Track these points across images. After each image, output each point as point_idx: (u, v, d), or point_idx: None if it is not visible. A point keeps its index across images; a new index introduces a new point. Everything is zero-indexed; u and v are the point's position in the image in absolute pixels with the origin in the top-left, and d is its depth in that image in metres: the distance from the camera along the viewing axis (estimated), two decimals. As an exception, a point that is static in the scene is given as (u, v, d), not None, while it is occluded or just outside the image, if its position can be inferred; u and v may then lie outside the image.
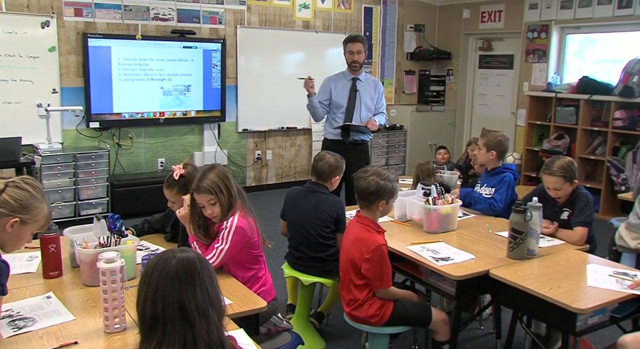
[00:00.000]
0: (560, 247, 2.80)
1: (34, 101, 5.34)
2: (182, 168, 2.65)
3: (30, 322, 1.86)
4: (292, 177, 7.20)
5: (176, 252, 1.41)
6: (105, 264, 1.81)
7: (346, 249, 2.62)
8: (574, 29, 6.82)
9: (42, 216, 1.84)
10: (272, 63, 6.83)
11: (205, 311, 1.35)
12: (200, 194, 2.34)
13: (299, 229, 3.10)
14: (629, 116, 5.83)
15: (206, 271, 1.40)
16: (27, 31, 5.27)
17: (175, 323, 1.33)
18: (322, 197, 3.10)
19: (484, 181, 3.50)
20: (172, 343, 1.32)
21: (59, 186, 5.26)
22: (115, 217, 2.37)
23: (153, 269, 1.38)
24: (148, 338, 1.34)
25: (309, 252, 3.07)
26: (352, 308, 2.58)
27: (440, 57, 8.07)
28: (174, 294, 1.33)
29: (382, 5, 7.62)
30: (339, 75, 4.59)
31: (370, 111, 4.53)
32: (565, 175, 2.89)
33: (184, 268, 1.36)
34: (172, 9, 6.05)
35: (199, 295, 1.35)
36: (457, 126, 8.26)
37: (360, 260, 2.49)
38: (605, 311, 2.25)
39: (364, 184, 2.55)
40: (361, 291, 2.55)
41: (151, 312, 1.34)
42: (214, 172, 2.38)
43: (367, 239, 2.50)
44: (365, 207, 2.60)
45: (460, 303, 2.65)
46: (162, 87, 6.01)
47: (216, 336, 1.35)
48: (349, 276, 2.57)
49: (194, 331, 1.33)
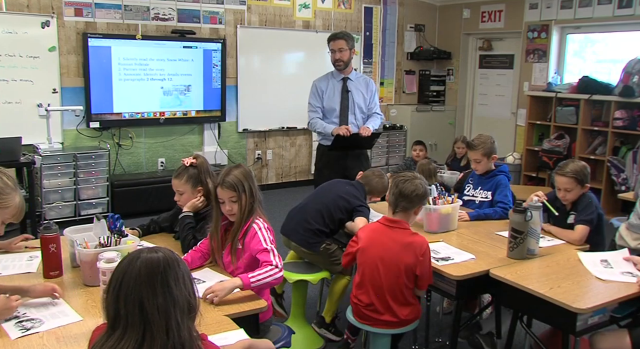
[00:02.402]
0: (560, 247, 2.80)
1: (34, 101, 5.34)
2: (194, 158, 2.66)
3: (37, 323, 1.87)
4: (292, 177, 7.21)
5: (143, 252, 1.43)
6: (106, 264, 1.82)
7: (384, 252, 2.54)
8: (574, 29, 6.82)
9: (13, 204, 1.95)
10: (273, 63, 6.83)
11: (166, 312, 1.37)
12: (224, 189, 2.34)
13: (318, 200, 3.17)
14: (629, 116, 5.83)
15: (172, 270, 1.41)
16: (27, 31, 5.27)
17: (135, 322, 1.35)
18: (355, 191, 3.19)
19: (477, 183, 3.46)
20: (129, 341, 1.35)
21: (59, 186, 5.26)
22: (115, 217, 2.37)
23: (119, 268, 1.42)
24: (109, 335, 1.38)
25: (312, 221, 3.09)
26: (408, 312, 2.57)
27: (440, 57, 8.07)
28: (134, 295, 1.36)
29: (382, 5, 7.62)
30: (327, 76, 4.35)
31: (364, 112, 4.34)
32: (577, 177, 2.90)
33: (146, 269, 1.38)
34: (172, 9, 6.05)
35: (159, 296, 1.37)
36: (457, 125, 8.26)
37: (416, 263, 2.50)
38: (605, 311, 2.25)
39: (412, 186, 2.56)
40: (412, 295, 2.59)
41: (113, 310, 1.38)
42: (239, 170, 2.39)
43: (416, 241, 2.52)
44: (404, 210, 2.58)
45: (460, 303, 2.65)
46: (162, 87, 6.01)
47: (176, 336, 1.37)
48: (399, 281, 2.52)
49: (153, 330, 1.35)
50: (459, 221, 3.13)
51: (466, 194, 3.48)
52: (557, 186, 3.00)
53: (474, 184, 3.48)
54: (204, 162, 2.68)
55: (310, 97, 4.35)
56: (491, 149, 3.36)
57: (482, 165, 3.40)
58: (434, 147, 7.86)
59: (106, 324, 1.41)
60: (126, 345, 1.34)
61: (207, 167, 2.69)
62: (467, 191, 3.49)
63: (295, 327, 3.04)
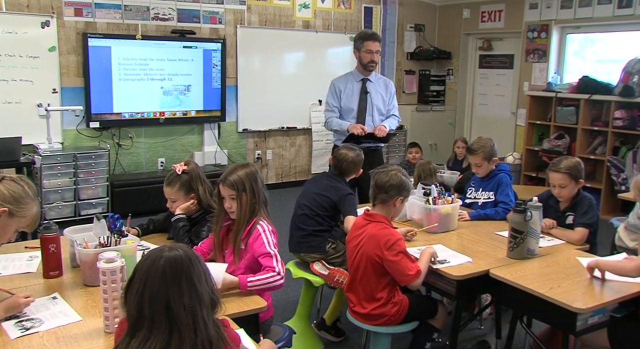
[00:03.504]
0: (560, 247, 2.80)
1: (34, 101, 5.34)
2: (185, 165, 2.66)
3: (37, 323, 1.86)
4: (292, 177, 7.21)
5: (165, 251, 1.41)
6: (106, 264, 1.81)
7: (358, 247, 2.56)
8: (574, 29, 6.82)
9: (30, 214, 1.94)
10: (272, 63, 6.83)
11: (192, 310, 1.36)
12: (225, 187, 2.35)
13: (300, 204, 3.20)
14: (629, 116, 5.83)
15: (195, 268, 1.41)
16: (27, 31, 5.27)
17: (161, 322, 1.34)
18: (337, 184, 3.18)
19: (479, 185, 3.45)
20: (155, 342, 1.33)
21: (59, 186, 5.26)
22: (115, 217, 2.37)
23: (142, 267, 1.39)
24: (133, 335, 1.35)
25: (302, 226, 3.13)
26: (373, 308, 2.53)
27: (440, 57, 8.07)
28: (160, 295, 1.35)
29: (382, 5, 7.62)
30: (347, 77, 4.32)
31: (382, 114, 4.30)
32: (572, 173, 2.90)
33: (170, 268, 1.37)
34: (172, 9, 6.05)
35: (185, 295, 1.36)
36: (457, 125, 8.26)
37: (380, 257, 2.45)
38: (605, 311, 2.25)
39: (386, 177, 2.55)
40: (384, 290, 2.51)
41: (137, 310, 1.35)
42: (244, 170, 2.37)
43: (381, 234, 2.48)
44: (382, 202, 2.57)
45: (460, 303, 2.65)
46: (162, 87, 6.01)
47: (204, 333, 1.36)
48: (365, 274, 2.52)
49: (180, 330, 1.34)
50: (459, 221, 3.13)
51: (468, 197, 3.47)
52: (551, 182, 3.00)
53: (476, 186, 3.47)
54: (195, 169, 2.67)
55: (327, 97, 4.32)
56: (491, 152, 3.35)
57: (483, 168, 3.39)
58: (433, 147, 7.86)
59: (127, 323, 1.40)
60: (152, 346, 1.32)
61: (199, 173, 2.69)
62: (469, 194, 3.48)
63: (298, 327, 3.04)
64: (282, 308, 3.53)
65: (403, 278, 2.45)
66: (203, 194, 2.65)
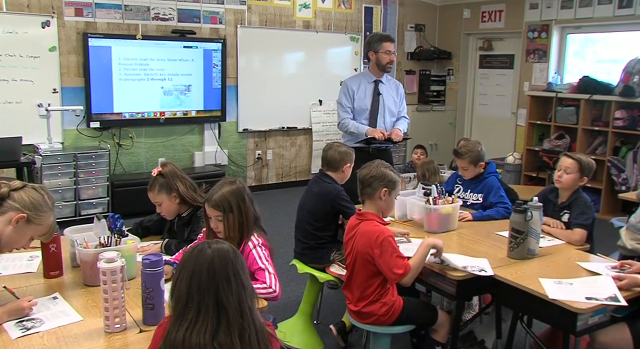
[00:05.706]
0: (560, 247, 2.80)
1: (34, 101, 5.34)
2: (161, 167, 2.68)
3: (38, 323, 1.87)
4: (293, 177, 7.21)
5: (211, 243, 1.51)
6: (106, 264, 1.81)
7: (350, 246, 2.59)
8: (574, 29, 6.82)
9: (47, 223, 1.97)
10: (273, 63, 6.83)
11: (239, 297, 1.46)
12: (210, 207, 2.21)
13: (299, 217, 3.23)
14: (630, 116, 5.83)
15: (239, 258, 1.52)
16: (28, 31, 5.27)
17: (208, 309, 1.43)
18: (323, 186, 3.16)
19: (467, 186, 3.44)
20: (204, 324, 1.42)
21: (59, 186, 5.26)
22: (115, 217, 2.37)
23: (189, 258, 1.49)
24: (182, 318, 1.44)
25: (304, 240, 3.17)
26: (362, 305, 2.54)
27: (440, 57, 8.07)
28: (209, 284, 1.44)
29: (382, 5, 7.62)
30: (359, 77, 4.36)
31: (393, 115, 4.32)
32: (582, 165, 2.95)
33: (219, 259, 1.47)
34: (172, 9, 6.05)
35: (233, 284, 1.45)
36: (457, 125, 8.26)
37: (371, 255, 2.45)
38: (606, 311, 2.24)
39: (367, 171, 2.55)
40: (373, 287, 2.51)
41: (186, 293, 1.44)
42: (229, 188, 2.21)
43: (372, 230, 2.48)
44: (368, 197, 2.57)
45: (461, 302, 2.65)
46: (163, 87, 6.01)
47: (249, 319, 1.46)
48: (358, 272, 2.54)
49: (229, 316, 1.43)
50: (461, 221, 3.13)
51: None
52: (559, 165, 3.01)
53: (464, 186, 3.47)
54: (171, 169, 2.67)
55: (340, 97, 4.31)
56: (478, 157, 3.33)
57: (469, 172, 3.39)
58: (434, 147, 7.87)
59: (170, 317, 1.48)
60: (203, 328, 1.41)
61: (175, 171, 2.68)
62: (456, 192, 3.44)
63: (300, 325, 3.04)
64: (283, 306, 3.53)
65: (391, 275, 2.45)
66: (184, 190, 2.64)
